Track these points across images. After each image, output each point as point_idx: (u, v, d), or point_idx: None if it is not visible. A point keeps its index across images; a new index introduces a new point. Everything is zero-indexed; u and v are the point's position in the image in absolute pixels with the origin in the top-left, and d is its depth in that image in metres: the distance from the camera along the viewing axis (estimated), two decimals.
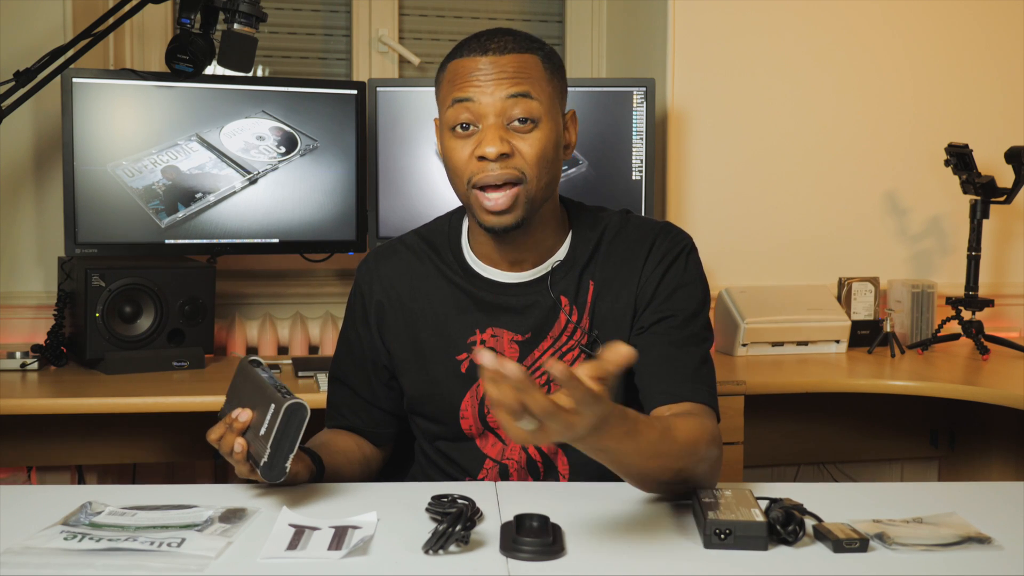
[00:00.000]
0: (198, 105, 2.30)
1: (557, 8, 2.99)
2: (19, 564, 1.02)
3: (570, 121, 1.42)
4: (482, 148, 1.31)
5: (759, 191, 2.74)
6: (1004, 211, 2.76)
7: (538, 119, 1.33)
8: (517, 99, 1.31)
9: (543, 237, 1.42)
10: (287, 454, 1.18)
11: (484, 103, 1.31)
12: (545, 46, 1.39)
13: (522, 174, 1.32)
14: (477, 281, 1.44)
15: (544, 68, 1.36)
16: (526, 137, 1.32)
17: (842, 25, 2.75)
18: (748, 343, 2.50)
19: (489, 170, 1.31)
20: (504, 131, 1.32)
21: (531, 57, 1.35)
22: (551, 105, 1.35)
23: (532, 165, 1.32)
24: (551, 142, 1.34)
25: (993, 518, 1.19)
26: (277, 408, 1.17)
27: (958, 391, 2.16)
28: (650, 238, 1.43)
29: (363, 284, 1.49)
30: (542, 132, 1.33)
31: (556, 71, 1.38)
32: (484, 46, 1.34)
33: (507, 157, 1.31)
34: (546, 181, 1.34)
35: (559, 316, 1.41)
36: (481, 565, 1.04)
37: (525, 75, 1.33)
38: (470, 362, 1.41)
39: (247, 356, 1.44)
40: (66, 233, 2.22)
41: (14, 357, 2.16)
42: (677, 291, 1.40)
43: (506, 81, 1.32)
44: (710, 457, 1.24)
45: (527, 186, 1.32)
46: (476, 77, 1.32)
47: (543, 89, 1.34)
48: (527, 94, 1.32)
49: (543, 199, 1.36)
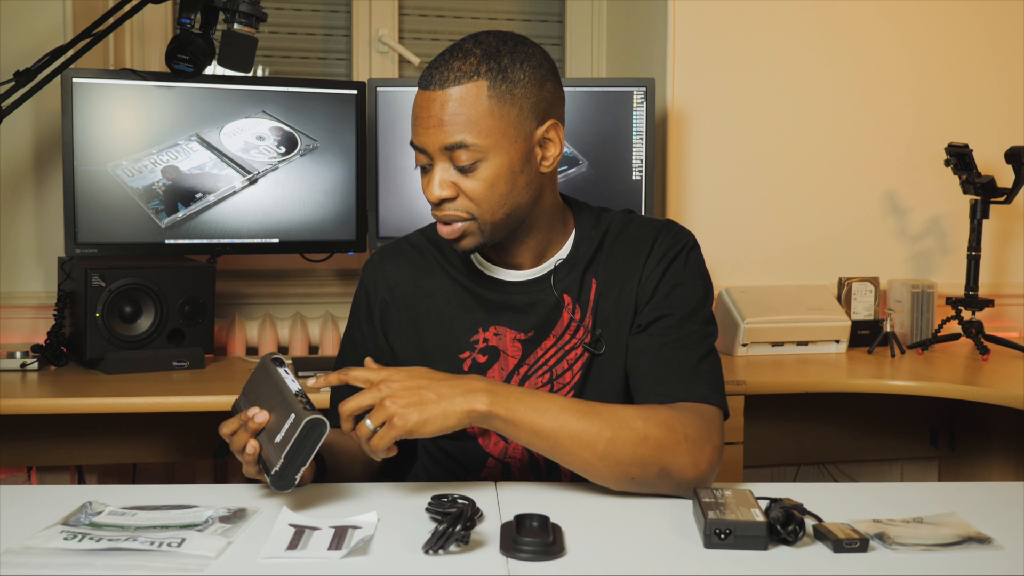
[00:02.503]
0: (198, 105, 2.30)
1: (557, 8, 2.99)
2: (19, 564, 1.02)
3: (551, 131, 1.35)
4: (427, 192, 1.33)
5: (759, 191, 2.74)
6: (1004, 211, 2.76)
7: (481, 157, 1.30)
8: (453, 149, 1.30)
9: (543, 237, 1.42)
10: (299, 467, 1.18)
11: (428, 145, 1.32)
12: (501, 63, 1.30)
13: (468, 213, 1.33)
14: (480, 280, 1.44)
15: (490, 96, 1.29)
16: (471, 176, 1.31)
17: (842, 25, 2.75)
18: (748, 343, 2.50)
19: (440, 209, 1.34)
20: (449, 172, 1.32)
21: (474, 87, 1.28)
22: (500, 137, 1.30)
23: (479, 202, 1.32)
24: (501, 175, 1.31)
25: (993, 518, 1.18)
26: (297, 420, 1.17)
27: (958, 391, 2.16)
28: (652, 236, 1.43)
29: (368, 283, 1.50)
30: (489, 168, 1.31)
31: (512, 90, 1.30)
32: (429, 77, 1.31)
33: (450, 200, 1.32)
34: (506, 210, 1.33)
35: (562, 314, 1.41)
36: (481, 565, 1.04)
37: (461, 119, 1.29)
38: (472, 360, 1.42)
39: (271, 353, 1.44)
40: (66, 233, 2.22)
41: (14, 357, 2.16)
42: (676, 289, 1.40)
43: (440, 130, 1.29)
44: (687, 449, 1.24)
45: (479, 221, 1.33)
46: (422, 118, 1.32)
47: (484, 126, 1.29)
48: (461, 144, 1.29)
49: (506, 225, 1.35)
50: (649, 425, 1.24)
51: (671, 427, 1.25)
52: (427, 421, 1.19)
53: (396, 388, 1.21)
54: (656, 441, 1.24)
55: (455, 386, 1.22)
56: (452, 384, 1.22)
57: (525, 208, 1.36)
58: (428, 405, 1.19)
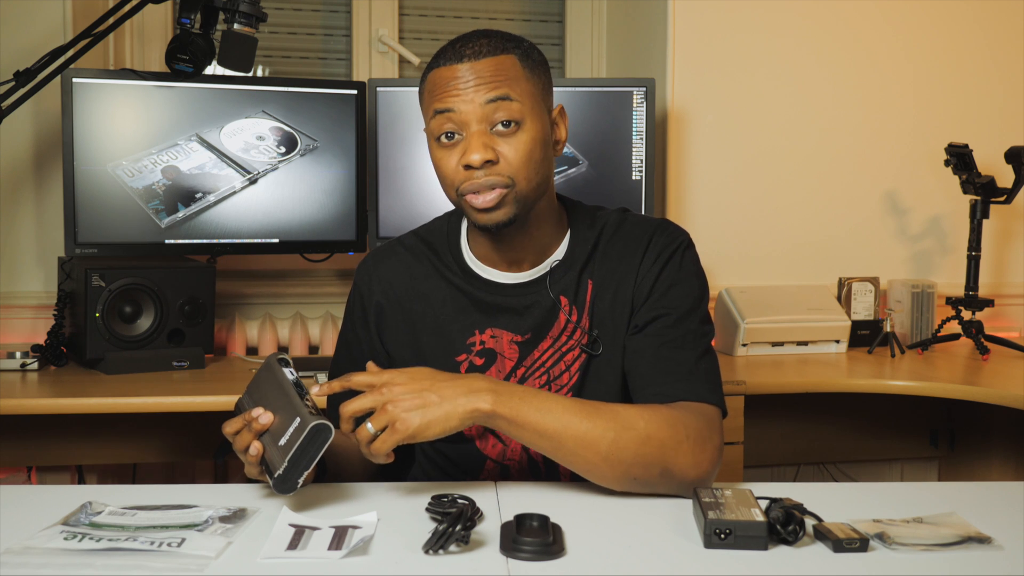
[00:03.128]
0: (198, 105, 2.30)
1: (557, 8, 2.99)
2: (19, 564, 1.02)
3: (558, 117, 1.41)
4: (467, 157, 1.31)
5: (759, 191, 2.74)
6: (1004, 211, 2.76)
7: (521, 120, 1.32)
8: (497, 103, 1.31)
9: (540, 236, 1.42)
10: (303, 471, 1.18)
11: (465, 111, 1.31)
12: (523, 43, 1.37)
13: (509, 179, 1.32)
14: (476, 282, 1.44)
15: (522, 67, 1.34)
16: (510, 140, 1.32)
17: (842, 25, 2.75)
18: (748, 343, 2.50)
19: (475, 177, 1.31)
20: (487, 136, 1.31)
21: (508, 58, 1.34)
22: (534, 104, 1.34)
23: (519, 168, 1.32)
24: (537, 142, 1.33)
25: (993, 518, 1.18)
26: (302, 424, 1.17)
27: (958, 391, 2.16)
28: (647, 235, 1.43)
29: (362, 285, 1.49)
30: (526, 133, 1.32)
31: (536, 68, 1.36)
32: (459, 53, 1.33)
33: (492, 164, 1.31)
34: (536, 181, 1.34)
35: (559, 316, 1.41)
36: (481, 565, 1.04)
37: (503, 77, 1.32)
38: (469, 363, 1.42)
39: (276, 353, 1.43)
40: (66, 233, 2.22)
41: (14, 357, 2.16)
42: (673, 288, 1.40)
43: (484, 86, 1.31)
44: (689, 449, 1.25)
45: (516, 188, 1.32)
46: (455, 85, 1.32)
47: (523, 89, 1.33)
48: (506, 96, 1.31)
49: (535, 198, 1.36)
50: (651, 425, 1.24)
51: (673, 427, 1.25)
52: (429, 425, 1.19)
53: (398, 392, 1.20)
54: (659, 441, 1.24)
55: (458, 386, 1.22)
56: (455, 384, 1.22)
57: (544, 187, 1.37)
58: (430, 408, 1.19)
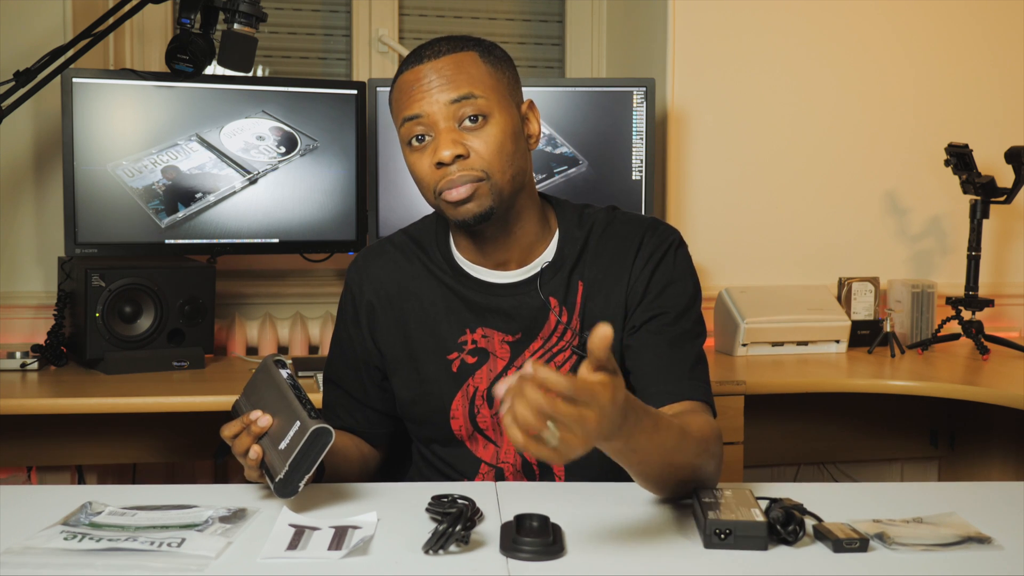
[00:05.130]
0: (198, 105, 2.30)
1: (557, 8, 2.99)
2: (19, 564, 1.02)
3: (529, 111, 1.41)
4: (438, 154, 1.31)
5: (759, 191, 2.74)
6: (1004, 211, 2.76)
7: (488, 113, 1.32)
8: (462, 101, 1.32)
9: (524, 235, 1.41)
10: (304, 474, 1.17)
11: (431, 112, 1.32)
12: (483, 41, 1.38)
13: (483, 172, 1.32)
14: (466, 281, 1.44)
15: (483, 61, 1.35)
16: (479, 133, 1.32)
17: (842, 25, 2.75)
18: (748, 343, 2.50)
19: (449, 174, 1.32)
20: (456, 133, 1.32)
21: (467, 54, 1.35)
22: (499, 98, 1.34)
23: (491, 160, 1.32)
24: (507, 134, 1.33)
25: (993, 518, 1.19)
26: (302, 428, 1.16)
27: (958, 391, 2.17)
28: (638, 235, 1.43)
29: (353, 285, 1.49)
30: (495, 126, 1.33)
31: (499, 63, 1.37)
32: (419, 55, 1.35)
33: (463, 158, 1.31)
34: (511, 173, 1.34)
35: (548, 317, 1.41)
36: (481, 565, 1.04)
37: (465, 74, 1.33)
38: (461, 362, 1.42)
39: (272, 354, 1.43)
40: (66, 233, 2.22)
41: (14, 357, 2.16)
42: (668, 287, 1.40)
43: (447, 85, 1.32)
44: (719, 453, 1.25)
45: (490, 180, 1.32)
46: (419, 87, 1.33)
47: (487, 84, 1.34)
48: (470, 94, 1.32)
49: (511, 191, 1.35)
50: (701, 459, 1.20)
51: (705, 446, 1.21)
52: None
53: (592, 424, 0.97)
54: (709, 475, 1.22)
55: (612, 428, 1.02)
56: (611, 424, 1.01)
57: (521, 180, 1.37)
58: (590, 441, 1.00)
